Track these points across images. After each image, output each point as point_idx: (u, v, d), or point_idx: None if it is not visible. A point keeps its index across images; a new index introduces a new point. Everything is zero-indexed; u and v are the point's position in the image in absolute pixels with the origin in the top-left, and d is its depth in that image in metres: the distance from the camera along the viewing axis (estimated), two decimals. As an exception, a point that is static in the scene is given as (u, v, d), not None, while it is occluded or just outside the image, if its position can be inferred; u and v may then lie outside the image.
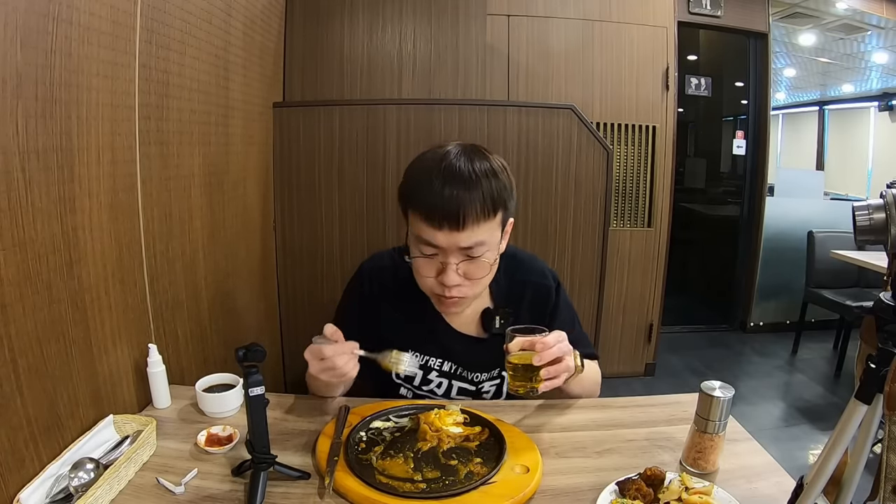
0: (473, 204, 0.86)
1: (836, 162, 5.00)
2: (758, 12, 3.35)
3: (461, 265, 0.91)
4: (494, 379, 1.14)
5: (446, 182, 0.86)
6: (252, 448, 0.79)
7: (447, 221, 0.86)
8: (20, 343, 0.76)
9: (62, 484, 0.77)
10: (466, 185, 0.86)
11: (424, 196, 0.88)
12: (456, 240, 0.88)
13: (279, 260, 1.89)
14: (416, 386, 1.11)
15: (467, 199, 0.86)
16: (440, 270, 0.92)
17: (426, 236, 0.89)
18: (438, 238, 0.88)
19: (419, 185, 0.89)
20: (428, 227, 0.88)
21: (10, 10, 0.72)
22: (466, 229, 0.87)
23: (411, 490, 0.79)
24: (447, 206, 0.86)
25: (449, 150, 0.92)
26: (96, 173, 0.93)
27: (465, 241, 0.88)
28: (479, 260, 0.91)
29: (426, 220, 0.88)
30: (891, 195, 0.57)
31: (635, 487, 0.79)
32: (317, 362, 0.87)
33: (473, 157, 0.90)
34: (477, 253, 0.90)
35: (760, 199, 3.66)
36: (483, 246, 0.91)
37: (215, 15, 1.35)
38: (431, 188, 0.87)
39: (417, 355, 1.08)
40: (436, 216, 0.87)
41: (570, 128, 1.86)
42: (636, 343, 3.15)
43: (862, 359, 0.59)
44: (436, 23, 2.06)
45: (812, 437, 2.54)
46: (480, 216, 0.88)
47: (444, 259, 0.91)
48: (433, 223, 0.87)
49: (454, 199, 0.85)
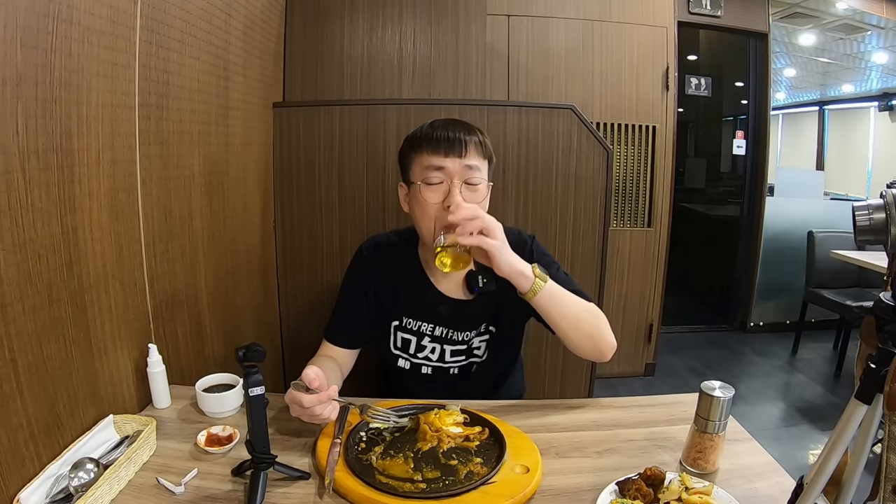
0: (473, 138, 1.04)
1: (836, 162, 4.99)
2: (758, 12, 3.35)
3: (462, 189, 1.03)
4: (483, 334, 1.19)
5: (447, 126, 1.04)
6: (252, 448, 0.79)
7: (452, 148, 1.02)
8: (20, 343, 0.76)
9: (62, 484, 0.77)
10: (465, 129, 1.05)
11: (430, 137, 1.04)
12: (460, 163, 1.02)
13: (279, 260, 1.89)
14: (412, 353, 1.19)
15: (468, 134, 1.04)
16: (445, 195, 1.03)
17: (435, 163, 1.03)
18: (445, 162, 1.02)
19: (424, 134, 1.06)
20: (434, 156, 1.03)
21: (10, 10, 0.72)
22: (468, 156, 1.03)
23: (411, 490, 0.79)
24: (451, 137, 1.03)
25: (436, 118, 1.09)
26: (96, 173, 0.93)
27: (467, 162, 1.03)
28: (477, 187, 1.05)
29: (433, 151, 1.03)
30: (891, 195, 0.57)
31: (635, 487, 0.79)
32: (297, 408, 0.88)
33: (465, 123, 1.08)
34: (475, 179, 1.04)
35: (760, 199, 3.66)
36: (480, 173, 1.05)
37: (215, 15, 1.35)
38: (435, 131, 1.04)
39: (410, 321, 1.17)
40: (442, 145, 1.03)
41: (570, 128, 1.86)
42: (636, 343, 3.15)
43: (862, 359, 0.59)
44: (436, 23, 2.06)
45: (812, 437, 2.54)
46: (478, 150, 1.05)
47: (448, 183, 1.03)
48: (440, 152, 1.03)
49: (456, 133, 1.03)
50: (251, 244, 1.69)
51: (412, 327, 1.18)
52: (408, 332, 1.18)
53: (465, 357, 1.20)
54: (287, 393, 0.91)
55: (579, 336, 1.04)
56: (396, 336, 1.19)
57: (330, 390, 0.89)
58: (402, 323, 1.18)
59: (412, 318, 1.17)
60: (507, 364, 1.29)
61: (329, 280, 1.89)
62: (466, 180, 1.03)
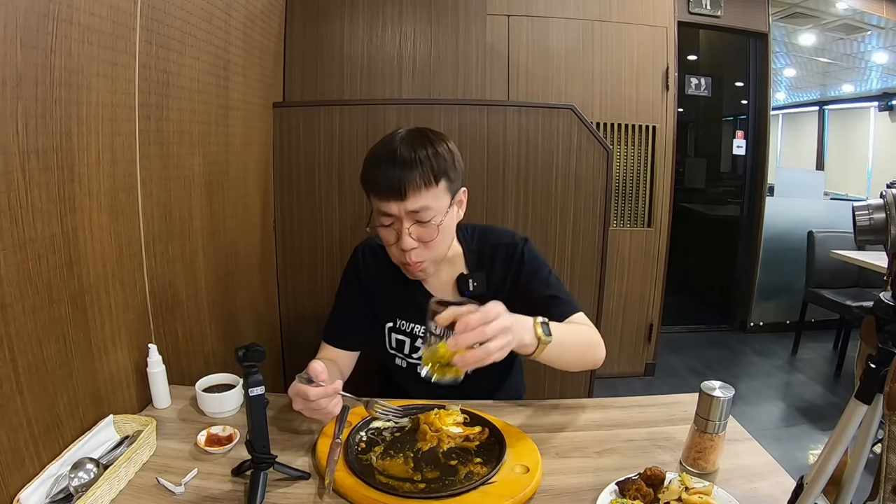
0: (413, 176, 0.98)
1: (836, 162, 4.99)
2: (758, 12, 3.35)
3: (413, 229, 1.01)
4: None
5: (389, 164, 0.99)
6: (252, 448, 0.79)
7: (392, 193, 0.99)
8: (20, 343, 0.76)
9: (62, 484, 0.77)
10: (407, 165, 0.99)
11: (374, 177, 1.01)
12: (402, 207, 0.99)
13: (279, 260, 1.89)
14: (407, 354, 1.19)
15: (408, 174, 0.98)
16: (398, 237, 1.02)
17: (380, 208, 1.02)
18: (389, 208, 1.00)
19: (370, 170, 1.03)
20: (379, 200, 1.02)
21: (10, 10, 0.72)
22: (409, 197, 0.99)
23: (411, 490, 0.79)
24: (391, 181, 0.98)
25: (397, 135, 1.04)
26: (96, 173, 0.93)
27: (410, 206, 0.99)
28: (429, 224, 1.02)
29: (377, 195, 1.02)
30: (891, 195, 0.57)
31: (635, 487, 0.79)
32: (301, 402, 0.89)
33: (416, 142, 1.02)
34: (425, 217, 1.01)
35: (760, 199, 3.66)
36: (429, 210, 1.01)
37: (215, 15, 1.35)
38: (378, 170, 1.00)
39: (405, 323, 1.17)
40: (383, 190, 1.00)
41: (570, 128, 1.86)
42: (636, 343, 3.14)
43: (862, 359, 0.59)
44: (436, 23, 2.06)
45: (812, 437, 2.54)
46: (420, 185, 0.99)
47: (398, 227, 1.02)
48: (382, 196, 1.00)
49: (395, 175, 0.98)
50: (251, 244, 1.69)
51: (405, 328, 1.18)
52: (401, 333, 1.19)
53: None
54: (291, 386, 0.90)
55: (573, 367, 1.04)
56: (391, 337, 1.20)
57: (336, 384, 0.91)
58: (396, 324, 1.19)
59: (405, 319, 1.18)
60: (504, 367, 1.28)
61: (329, 280, 1.89)
62: (416, 218, 1.01)
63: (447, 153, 1.04)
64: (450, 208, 1.05)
